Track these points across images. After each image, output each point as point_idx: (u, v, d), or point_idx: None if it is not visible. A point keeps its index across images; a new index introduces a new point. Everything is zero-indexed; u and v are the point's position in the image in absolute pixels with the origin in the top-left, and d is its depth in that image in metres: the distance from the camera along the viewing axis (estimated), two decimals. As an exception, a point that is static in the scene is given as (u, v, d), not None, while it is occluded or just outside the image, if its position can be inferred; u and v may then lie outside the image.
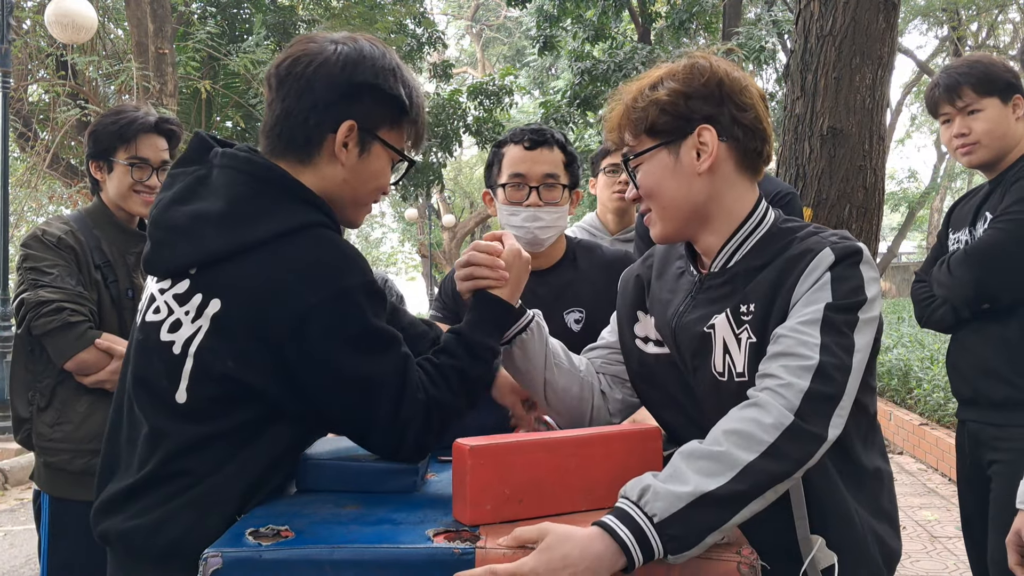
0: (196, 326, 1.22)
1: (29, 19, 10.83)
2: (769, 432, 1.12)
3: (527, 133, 1.99)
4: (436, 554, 1.06)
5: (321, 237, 1.25)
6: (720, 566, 1.04)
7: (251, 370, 1.21)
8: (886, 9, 3.46)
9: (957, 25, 20.10)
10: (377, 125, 1.32)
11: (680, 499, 1.07)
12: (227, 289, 1.21)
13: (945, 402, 6.53)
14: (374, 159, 1.33)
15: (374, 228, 40.00)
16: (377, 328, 1.26)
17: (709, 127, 1.30)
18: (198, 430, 1.23)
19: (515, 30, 27.51)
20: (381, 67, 1.31)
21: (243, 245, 1.21)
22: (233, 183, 1.26)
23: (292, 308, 1.19)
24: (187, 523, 1.21)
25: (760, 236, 1.33)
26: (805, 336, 1.19)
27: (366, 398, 1.25)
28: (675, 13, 13.58)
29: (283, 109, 1.30)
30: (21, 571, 4.44)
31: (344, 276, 1.22)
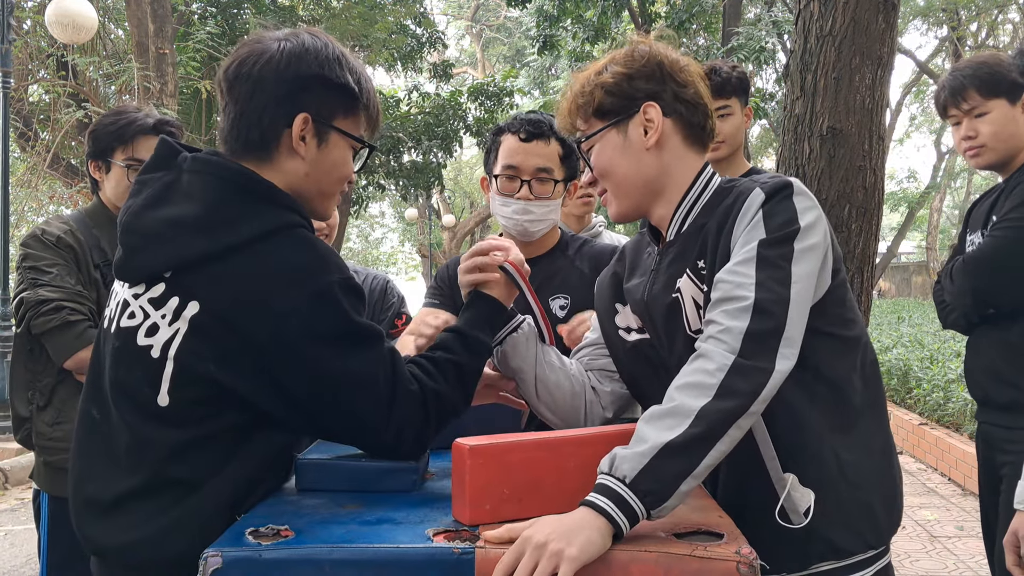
0: (173, 329, 1.22)
1: (29, 19, 10.83)
2: (714, 375, 1.16)
3: (524, 124, 1.97)
4: (436, 554, 1.06)
5: (297, 238, 1.25)
6: (719, 565, 1.04)
7: (233, 373, 1.21)
8: (886, 9, 3.46)
9: (957, 25, 20.10)
10: (331, 115, 1.33)
11: (643, 455, 1.12)
12: (205, 292, 1.21)
13: (944, 402, 6.53)
14: (333, 149, 1.34)
15: (374, 228, 39.99)
16: (358, 324, 1.25)
17: (653, 104, 1.38)
18: (184, 434, 1.22)
19: (515, 30, 27.51)
20: (325, 57, 1.32)
21: (221, 248, 1.21)
22: (207, 188, 1.26)
23: (271, 310, 1.19)
24: (192, 533, 1.19)
25: (707, 197, 1.39)
26: (740, 277, 1.22)
27: (354, 396, 1.25)
28: (675, 13, 13.57)
29: (236, 111, 1.31)
30: (21, 570, 4.44)
31: (320, 275, 1.22)
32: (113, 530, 1.25)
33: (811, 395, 1.31)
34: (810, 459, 1.30)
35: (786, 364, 1.19)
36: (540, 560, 1.03)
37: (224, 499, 1.23)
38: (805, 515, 1.28)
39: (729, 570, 1.04)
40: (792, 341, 1.20)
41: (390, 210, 36.64)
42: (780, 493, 1.28)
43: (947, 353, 8.25)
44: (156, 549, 1.21)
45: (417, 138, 15.04)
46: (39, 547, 2.29)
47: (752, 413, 1.17)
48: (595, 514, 1.09)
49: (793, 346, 1.20)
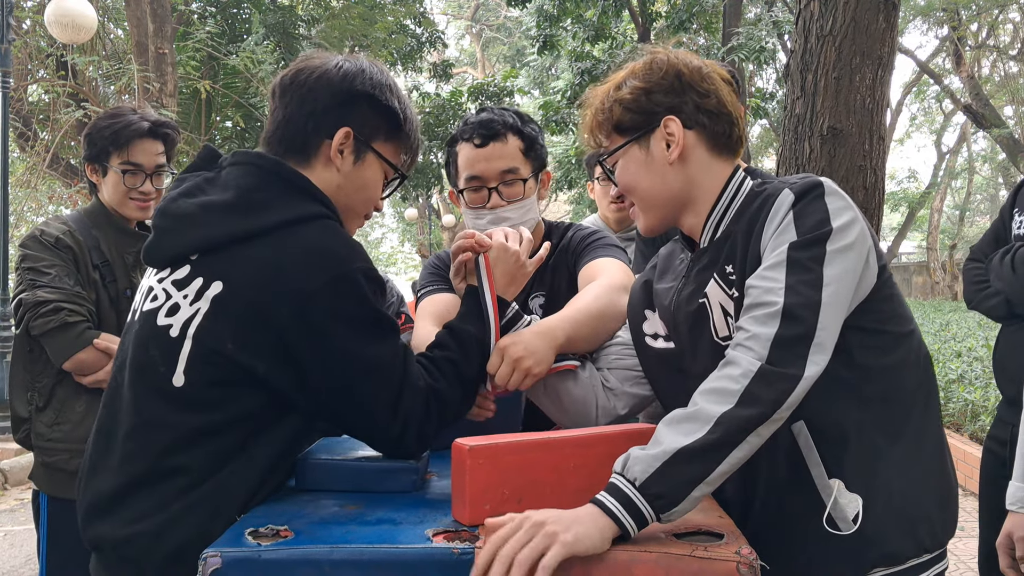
0: (195, 308, 1.24)
1: (29, 19, 10.83)
2: (738, 382, 1.14)
3: (476, 128, 1.83)
4: (435, 554, 1.06)
5: (325, 226, 1.29)
6: (720, 566, 1.04)
7: (251, 353, 1.22)
8: (886, 9, 3.46)
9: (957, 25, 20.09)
10: (372, 135, 1.39)
11: (656, 459, 1.10)
12: (230, 272, 1.24)
13: (944, 402, 6.53)
14: (367, 168, 1.40)
15: (374, 228, 40.00)
16: (379, 313, 1.28)
17: (673, 118, 1.35)
18: (196, 419, 1.23)
19: (515, 30, 27.50)
20: (379, 81, 1.39)
21: (248, 232, 1.25)
22: (242, 176, 1.31)
23: (295, 290, 1.21)
24: (193, 528, 1.19)
25: (740, 202, 1.36)
26: (769, 282, 1.20)
27: (367, 382, 1.26)
28: (675, 13, 13.56)
29: (284, 115, 1.37)
30: (21, 571, 4.44)
31: (346, 261, 1.25)
32: (115, 523, 1.25)
33: (858, 396, 1.27)
34: (858, 462, 1.26)
35: (815, 370, 1.16)
36: (534, 537, 1.03)
37: (227, 497, 1.23)
38: (854, 521, 1.24)
39: (729, 570, 1.04)
40: (822, 347, 1.17)
41: (390, 210, 36.65)
42: (827, 500, 1.25)
43: (947, 353, 8.25)
44: (154, 543, 1.21)
45: (417, 138, 15.03)
46: (39, 547, 2.29)
47: (774, 420, 1.14)
48: (600, 512, 1.08)
49: (823, 351, 1.17)
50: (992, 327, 11.08)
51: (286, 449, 1.31)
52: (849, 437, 1.27)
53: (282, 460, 1.31)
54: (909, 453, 1.30)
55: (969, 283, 2.31)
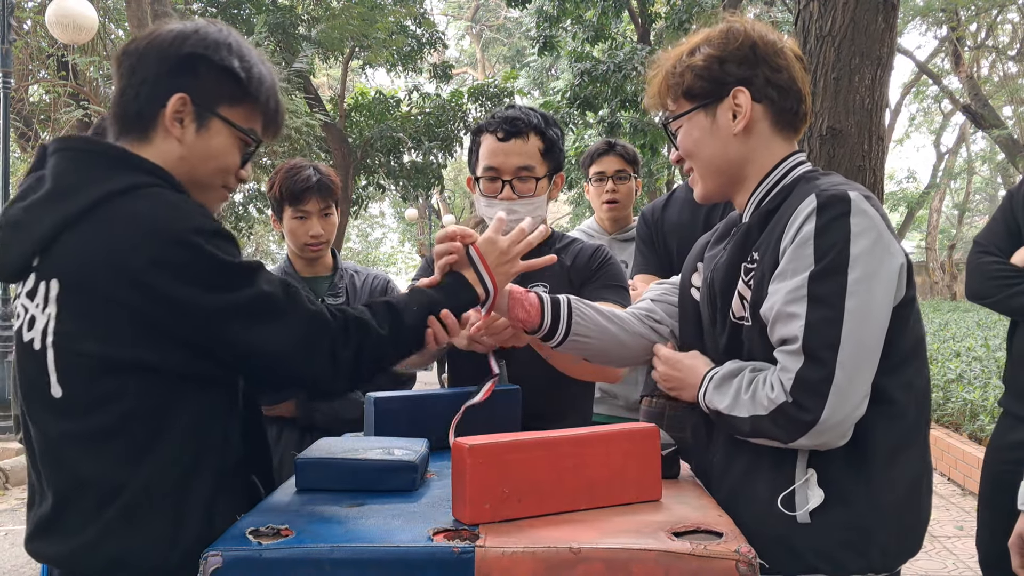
0: (46, 315, 1.18)
1: (30, 19, 10.84)
2: (768, 402, 1.23)
3: (502, 123, 1.93)
4: (436, 553, 1.07)
5: (148, 194, 1.19)
6: (719, 564, 1.05)
7: (116, 344, 1.15)
8: (885, 9, 3.46)
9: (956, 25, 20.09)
10: (214, 100, 1.29)
11: (716, 405, 1.33)
12: (62, 265, 1.17)
13: (944, 402, 6.53)
14: (214, 136, 1.29)
15: (374, 228, 40.00)
16: (228, 263, 1.18)
17: (743, 89, 1.35)
18: (87, 425, 1.17)
19: (515, 31, 27.51)
20: (214, 40, 1.28)
21: (68, 217, 1.17)
22: (57, 163, 1.23)
23: (133, 267, 1.14)
24: (130, 534, 1.17)
25: (786, 183, 1.36)
26: (792, 320, 1.21)
27: (249, 327, 1.18)
28: (675, 13, 13.57)
29: (119, 87, 1.29)
30: (22, 571, 4.44)
31: (174, 223, 1.16)
32: (53, 541, 1.21)
33: None
34: (838, 466, 1.26)
35: (834, 413, 1.18)
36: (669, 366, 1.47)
37: (158, 495, 1.18)
38: (806, 510, 1.25)
39: (728, 569, 1.04)
40: (843, 388, 1.17)
41: (390, 210, 36.66)
42: (796, 480, 1.26)
43: (946, 353, 8.26)
44: (93, 556, 1.18)
45: (417, 139, 15.05)
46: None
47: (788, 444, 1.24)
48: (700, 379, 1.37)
49: (843, 393, 1.17)
50: (992, 327, 11.08)
51: (204, 427, 1.23)
52: None
53: (205, 440, 1.23)
54: (889, 475, 1.28)
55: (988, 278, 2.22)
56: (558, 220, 32.42)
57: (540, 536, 1.10)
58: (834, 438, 1.21)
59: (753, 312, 1.30)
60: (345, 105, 15.03)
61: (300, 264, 2.56)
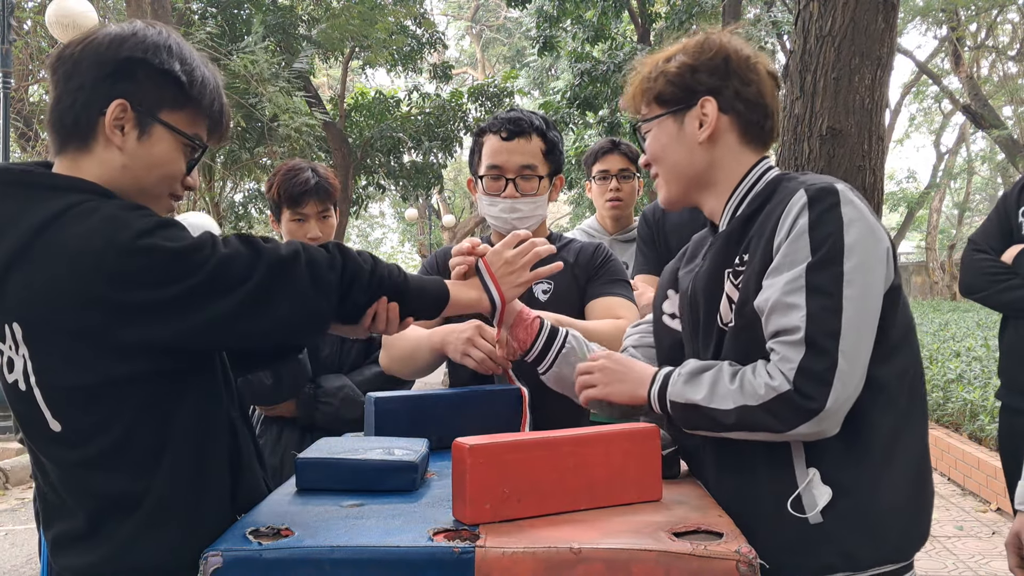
0: (21, 356, 1.16)
1: (30, 19, 10.84)
2: (765, 390, 1.22)
3: (505, 123, 1.98)
4: (436, 553, 1.06)
5: (78, 213, 1.14)
6: (719, 564, 1.05)
7: (94, 370, 1.13)
8: (885, 9, 3.46)
9: (956, 25, 20.09)
10: (155, 106, 1.23)
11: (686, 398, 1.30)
12: (18, 307, 1.14)
13: (944, 402, 6.53)
14: (157, 143, 1.24)
15: (374, 228, 40.02)
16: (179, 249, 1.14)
17: (711, 99, 1.38)
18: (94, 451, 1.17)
19: (515, 31, 27.51)
20: (153, 43, 1.23)
21: (10, 256, 1.14)
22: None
23: (90, 290, 1.11)
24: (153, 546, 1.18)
25: (759, 189, 1.38)
26: (792, 311, 1.21)
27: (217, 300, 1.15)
28: (675, 13, 13.58)
29: (55, 95, 1.23)
30: (22, 570, 4.44)
31: (113, 236, 1.11)
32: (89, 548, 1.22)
33: None
34: (837, 461, 1.26)
35: (837, 400, 1.18)
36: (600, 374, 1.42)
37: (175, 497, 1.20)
38: (817, 510, 1.24)
39: (729, 569, 1.04)
40: (845, 375, 1.18)
41: (390, 210, 36.68)
42: (800, 483, 1.26)
43: (946, 353, 8.26)
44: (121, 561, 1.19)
45: (417, 139, 15.06)
46: (39, 547, 2.29)
47: (783, 436, 1.22)
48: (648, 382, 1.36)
49: (847, 380, 1.19)
50: (992, 327, 11.08)
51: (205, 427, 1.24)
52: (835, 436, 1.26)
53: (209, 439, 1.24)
54: (890, 463, 1.29)
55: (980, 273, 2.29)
56: (558, 220, 32.41)
57: (540, 536, 1.10)
58: (831, 426, 1.21)
59: (739, 311, 1.31)
60: (345, 105, 15.03)
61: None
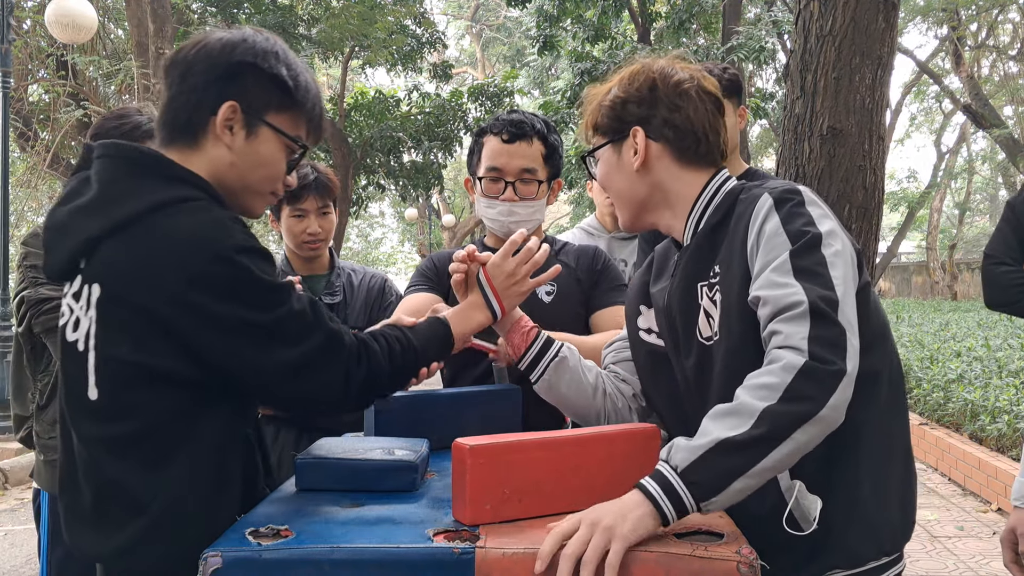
0: (89, 318, 1.21)
1: (29, 19, 10.84)
2: (781, 376, 1.13)
3: (506, 125, 1.97)
4: (436, 554, 1.06)
5: (193, 209, 1.21)
6: (720, 565, 1.04)
7: (148, 352, 1.18)
8: (886, 9, 3.46)
9: (957, 25, 20.08)
10: (262, 108, 1.31)
11: (699, 448, 1.12)
12: (104, 272, 1.20)
13: (944, 402, 6.53)
14: (262, 143, 1.31)
15: (374, 228, 40.01)
16: (265, 281, 1.20)
17: (639, 129, 1.41)
18: (118, 429, 1.20)
19: (515, 30, 27.50)
20: (262, 49, 1.31)
21: (114, 225, 1.20)
22: (103, 169, 1.26)
23: (171, 281, 1.16)
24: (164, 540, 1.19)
25: (718, 202, 1.39)
26: (784, 289, 1.20)
27: (279, 344, 1.20)
28: (675, 13, 13.57)
29: (168, 95, 1.31)
30: (21, 570, 4.44)
31: (216, 241, 1.18)
32: (98, 536, 1.23)
33: None
34: (822, 464, 1.25)
35: (854, 364, 1.15)
36: (594, 534, 1.06)
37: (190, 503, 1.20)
38: (814, 521, 1.25)
39: (730, 570, 1.04)
40: (854, 342, 1.17)
41: (390, 210, 36.69)
42: (788, 500, 1.25)
43: (947, 353, 8.25)
44: (131, 557, 1.20)
45: (417, 138, 15.06)
46: (39, 547, 2.29)
47: (821, 419, 1.12)
48: (644, 498, 1.11)
49: (856, 345, 1.17)
50: (992, 327, 11.08)
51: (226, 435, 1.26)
52: None
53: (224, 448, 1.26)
54: (876, 459, 1.31)
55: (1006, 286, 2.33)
56: (558, 220, 32.41)
57: (541, 537, 1.10)
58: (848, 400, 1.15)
59: (724, 323, 1.30)
60: (345, 105, 15.02)
61: (298, 262, 2.56)
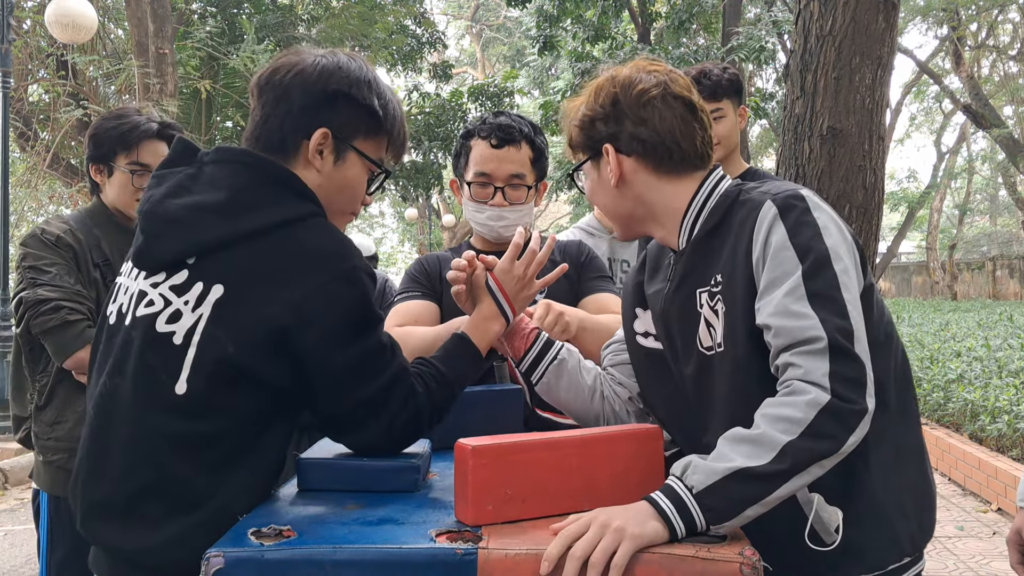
0: (197, 314, 1.23)
1: (29, 19, 10.84)
2: (804, 412, 1.12)
3: (494, 130, 1.94)
4: (438, 554, 1.06)
5: (321, 225, 1.29)
6: (723, 567, 1.04)
7: (252, 354, 1.22)
8: (886, 9, 3.46)
9: (957, 25, 20.09)
10: (352, 134, 1.36)
11: (717, 473, 1.12)
12: (231, 275, 1.24)
13: (944, 402, 6.53)
14: (349, 168, 1.37)
15: (374, 228, 40.02)
16: (373, 309, 1.29)
17: (609, 146, 1.39)
18: (197, 427, 1.22)
19: (515, 30, 27.49)
20: (356, 78, 1.35)
21: (246, 233, 1.25)
22: (233, 175, 1.29)
23: (296, 289, 1.22)
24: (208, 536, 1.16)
25: (712, 205, 1.37)
26: (803, 321, 1.17)
27: (362, 374, 1.28)
28: (675, 13, 13.57)
29: (262, 115, 1.35)
30: (21, 571, 4.44)
31: (345, 259, 1.26)
32: (127, 531, 1.24)
33: None
34: (839, 473, 1.21)
35: (873, 400, 1.15)
36: (604, 536, 1.06)
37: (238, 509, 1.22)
38: (836, 532, 1.23)
39: (733, 571, 1.04)
40: (871, 375, 1.16)
41: (390, 210, 36.68)
42: (808, 513, 1.23)
43: (947, 353, 8.26)
44: (170, 553, 1.20)
45: (417, 138, 15.05)
46: (39, 547, 2.29)
47: (840, 455, 1.13)
48: (654, 512, 1.10)
49: (872, 379, 1.16)
50: (992, 327, 11.08)
51: (281, 450, 1.32)
52: None
53: (278, 462, 1.32)
54: (890, 461, 1.30)
55: None
56: (558, 220, 32.41)
57: (543, 537, 1.10)
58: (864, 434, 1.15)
59: (729, 337, 1.27)
60: (345, 105, 14.99)
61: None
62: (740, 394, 1.26)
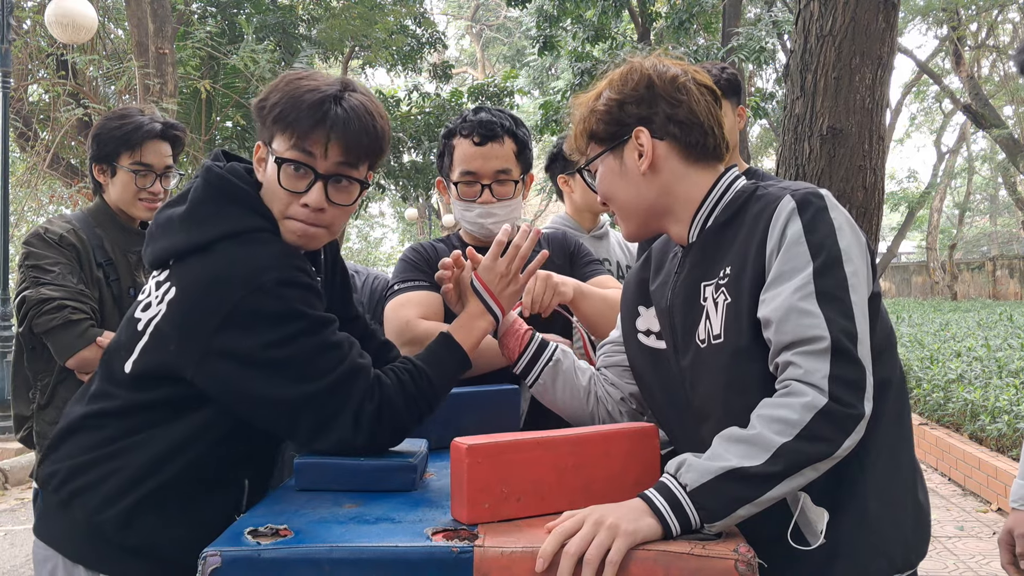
0: (158, 309, 1.37)
1: (29, 19, 10.84)
2: (800, 414, 1.12)
3: (476, 127, 1.93)
4: (434, 553, 1.06)
5: (255, 239, 1.36)
6: (718, 564, 1.04)
7: (184, 356, 1.32)
8: (886, 9, 3.46)
9: (957, 25, 20.09)
10: (268, 140, 1.42)
11: (711, 472, 1.12)
12: (183, 281, 1.36)
13: (944, 402, 6.53)
14: (270, 170, 1.41)
15: (374, 228, 40.02)
16: (306, 315, 1.32)
17: (643, 129, 1.36)
18: (129, 398, 1.38)
19: (515, 30, 27.50)
20: (273, 86, 1.42)
21: (196, 244, 1.36)
22: (196, 189, 1.42)
23: (224, 300, 1.30)
24: (91, 479, 1.36)
25: (728, 200, 1.36)
26: (809, 319, 1.17)
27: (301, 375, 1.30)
28: (675, 13, 13.55)
29: None
30: (21, 571, 4.44)
31: (265, 272, 1.31)
32: (48, 461, 1.43)
33: None
34: (831, 479, 1.20)
35: (871, 405, 1.15)
36: (598, 533, 1.06)
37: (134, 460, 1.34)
38: (821, 534, 1.21)
39: (727, 568, 1.04)
40: (870, 380, 1.16)
41: (390, 210, 36.68)
42: (793, 511, 1.22)
43: (947, 353, 8.26)
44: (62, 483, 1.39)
45: (417, 138, 15.05)
46: (39, 547, 2.29)
47: (834, 458, 1.13)
48: (648, 510, 1.11)
49: (871, 384, 1.16)
50: (992, 327, 11.08)
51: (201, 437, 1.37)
52: None
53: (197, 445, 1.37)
54: (884, 473, 1.28)
55: None
56: (558, 220, 32.34)
57: (539, 536, 1.10)
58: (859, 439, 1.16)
59: (730, 326, 1.26)
60: (345, 105, 14.97)
61: (300, 264, 2.55)
62: (737, 387, 1.25)
